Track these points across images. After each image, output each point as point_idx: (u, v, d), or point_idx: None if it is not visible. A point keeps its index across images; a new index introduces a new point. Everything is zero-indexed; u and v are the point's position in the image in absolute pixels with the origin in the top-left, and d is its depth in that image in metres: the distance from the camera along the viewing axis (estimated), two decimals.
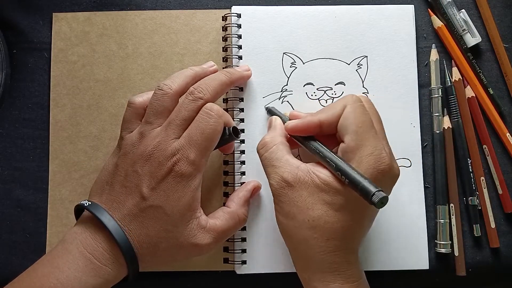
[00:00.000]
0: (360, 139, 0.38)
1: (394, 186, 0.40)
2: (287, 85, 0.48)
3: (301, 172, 0.39)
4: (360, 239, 0.40)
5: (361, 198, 0.36)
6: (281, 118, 0.45)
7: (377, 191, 0.35)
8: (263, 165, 0.42)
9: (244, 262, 0.47)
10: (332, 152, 0.40)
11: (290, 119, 0.44)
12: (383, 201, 0.35)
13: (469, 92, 0.49)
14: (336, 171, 0.38)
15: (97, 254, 0.38)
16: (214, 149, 0.42)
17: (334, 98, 0.48)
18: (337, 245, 0.38)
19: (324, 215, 0.38)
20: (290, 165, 0.40)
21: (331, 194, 0.38)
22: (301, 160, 0.41)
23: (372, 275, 0.43)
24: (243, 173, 0.47)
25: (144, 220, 0.39)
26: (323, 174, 0.39)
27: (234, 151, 0.47)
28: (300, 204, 0.39)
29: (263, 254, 0.47)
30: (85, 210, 0.41)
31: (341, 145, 0.40)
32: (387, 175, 0.38)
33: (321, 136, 0.42)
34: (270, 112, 0.47)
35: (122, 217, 0.39)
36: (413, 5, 0.49)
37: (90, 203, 0.40)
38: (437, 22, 0.50)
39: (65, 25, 0.50)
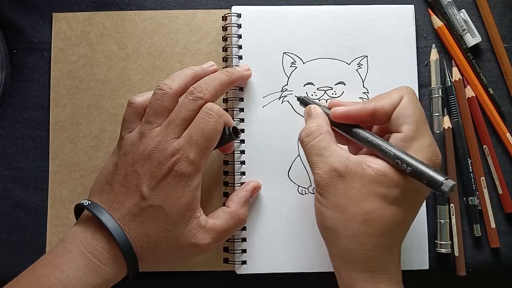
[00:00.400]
0: (419, 130, 0.38)
1: None
2: (287, 85, 0.48)
3: (353, 163, 0.38)
4: (405, 235, 0.39)
5: (415, 190, 0.36)
6: (320, 106, 0.43)
7: (445, 179, 0.34)
8: (307, 155, 0.40)
9: (244, 262, 0.47)
10: (382, 139, 0.39)
11: (329, 108, 0.42)
12: (453, 189, 0.34)
13: (469, 92, 0.49)
14: (395, 160, 0.36)
15: (97, 253, 0.38)
16: (214, 149, 0.42)
17: (334, 98, 0.48)
18: (389, 241, 0.37)
19: (379, 208, 0.36)
20: (340, 155, 0.38)
21: (386, 185, 0.37)
22: None
23: None
24: (243, 173, 0.47)
25: (144, 219, 0.39)
26: (377, 164, 0.37)
27: (234, 151, 0.47)
28: (352, 196, 0.37)
29: (263, 254, 0.47)
30: (85, 209, 0.41)
31: (396, 134, 0.38)
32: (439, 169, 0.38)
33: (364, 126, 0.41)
34: (304, 101, 0.45)
35: (122, 217, 0.39)
36: (413, 5, 0.49)
37: (90, 202, 0.40)
38: (437, 22, 0.50)
39: (65, 25, 0.50)
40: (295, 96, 0.47)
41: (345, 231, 0.37)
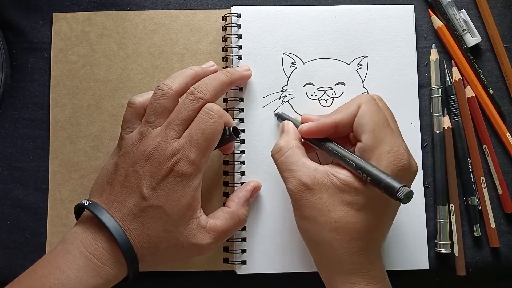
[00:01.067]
0: (378, 137, 0.39)
1: None
2: (287, 85, 0.48)
3: (319, 174, 0.39)
4: (382, 238, 0.41)
5: (382, 196, 0.37)
6: (293, 122, 0.45)
7: (401, 186, 0.35)
8: (279, 170, 0.42)
9: (244, 262, 0.47)
10: (350, 151, 0.40)
11: (302, 123, 0.44)
12: (409, 196, 0.35)
13: (469, 92, 0.49)
14: (357, 169, 0.38)
15: (97, 254, 0.38)
16: (214, 149, 0.42)
17: (334, 98, 0.48)
18: (360, 245, 0.38)
19: (346, 215, 0.38)
20: (307, 168, 0.40)
21: (352, 194, 0.38)
22: (320, 163, 0.41)
23: None
24: (243, 173, 0.47)
25: (144, 220, 0.39)
26: (342, 174, 0.39)
27: (234, 151, 0.47)
28: (321, 206, 0.39)
29: (263, 254, 0.47)
30: (85, 210, 0.41)
31: (358, 144, 0.40)
32: (407, 172, 0.39)
33: (335, 138, 0.42)
34: (280, 117, 0.47)
35: (122, 217, 0.39)
36: (413, 5, 0.50)
37: (90, 202, 0.40)
38: (437, 22, 0.50)
39: (65, 25, 0.50)
40: (274, 113, 0.48)
41: (318, 239, 0.39)
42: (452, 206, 0.48)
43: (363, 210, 0.38)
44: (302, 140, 0.44)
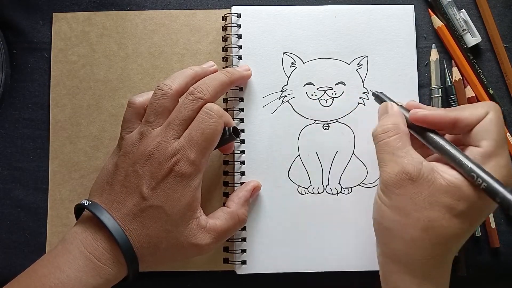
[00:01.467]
0: (499, 148, 0.37)
1: None
2: (287, 85, 0.48)
3: (425, 169, 0.37)
4: (460, 247, 0.39)
5: (483, 207, 0.36)
6: (397, 105, 0.42)
7: None
8: (378, 151, 0.40)
9: (244, 262, 0.47)
10: (459, 150, 0.38)
11: (408, 109, 0.42)
12: None
13: (469, 92, 0.49)
14: (470, 173, 0.36)
15: (97, 253, 0.38)
16: (214, 149, 0.42)
17: (334, 98, 0.48)
18: (443, 251, 0.37)
19: (442, 218, 0.36)
20: (414, 158, 0.38)
21: (455, 198, 0.36)
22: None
23: (373, 276, 0.43)
24: (243, 173, 0.47)
25: (144, 220, 0.39)
26: (450, 175, 0.37)
27: (234, 151, 0.47)
28: (418, 201, 0.37)
29: (263, 254, 0.47)
30: (85, 210, 0.41)
31: (474, 149, 0.38)
32: None
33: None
34: (379, 98, 0.44)
35: (122, 217, 0.39)
36: (413, 5, 0.49)
37: (90, 202, 0.40)
38: (437, 22, 0.50)
39: (65, 25, 0.50)
40: (371, 91, 0.46)
41: (403, 234, 0.37)
42: None
43: (459, 217, 0.36)
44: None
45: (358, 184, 0.48)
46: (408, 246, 0.37)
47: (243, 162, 0.47)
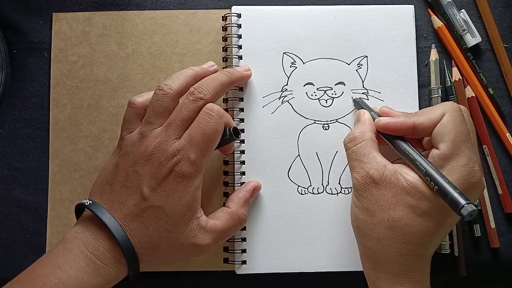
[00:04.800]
0: (456, 149, 0.38)
1: None
2: (287, 85, 0.48)
3: (388, 172, 0.39)
4: (435, 246, 0.40)
5: (446, 207, 0.36)
6: (370, 112, 0.45)
7: (467, 203, 0.35)
8: (348, 159, 0.42)
9: (244, 262, 0.47)
10: (422, 155, 0.39)
11: (380, 115, 0.44)
12: (472, 214, 0.35)
13: (469, 92, 0.49)
14: (425, 176, 0.38)
15: (98, 253, 0.38)
16: (214, 149, 0.42)
17: (334, 98, 0.48)
18: (412, 249, 0.38)
19: (405, 217, 0.38)
20: (378, 162, 0.40)
21: (416, 198, 0.38)
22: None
23: None
24: (243, 173, 0.47)
25: (145, 220, 0.39)
26: (411, 176, 0.39)
27: (234, 151, 0.47)
28: (382, 202, 0.39)
29: (263, 254, 0.47)
30: (85, 209, 0.41)
31: (434, 151, 0.39)
32: (475, 189, 0.39)
33: (408, 138, 0.42)
34: (358, 104, 0.47)
35: (123, 217, 0.39)
36: (413, 5, 0.49)
37: (91, 202, 0.40)
38: (437, 22, 0.50)
39: (65, 25, 0.50)
40: (352, 98, 0.48)
41: (371, 232, 0.39)
42: None
43: (424, 216, 0.38)
44: (376, 132, 0.43)
45: None
46: (376, 244, 0.39)
47: (243, 162, 0.47)
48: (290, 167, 0.48)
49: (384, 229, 0.39)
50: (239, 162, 0.47)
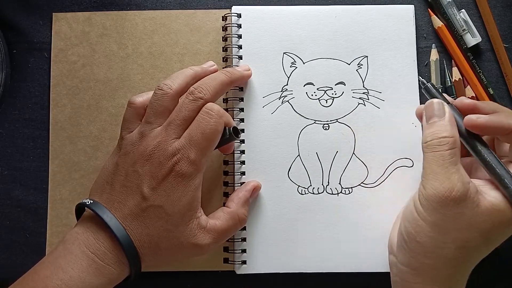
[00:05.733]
0: None
1: (396, 186, 0.40)
2: (287, 85, 0.48)
3: (472, 190, 0.36)
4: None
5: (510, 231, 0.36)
6: (449, 105, 0.40)
7: None
8: (429, 161, 0.38)
9: (244, 262, 0.47)
10: (508, 169, 0.37)
11: (461, 109, 0.40)
12: None
13: (469, 92, 0.49)
14: None
15: (99, 253, 0.38)
16: (214, 149, 0.42)
17: (335, 98, 0.48)
18: (468, 267, 0.38)
19: (477, 240, 0.36)
20: (464, 176, 0.36)
21: (495, 222, 0.36)
22: None
23: (374, 276, 0.43)
24: (243, 173, 0.47)
25: (145, 219, 0.39)
26: (493, 197, 0.36)
27: (234, 151, 0.47)
28: (460, 222, 0.36)
29: (263, 254, 0.47)
30: (85, 210, 0.41)
31: None
32: None
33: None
34: (429, 91, 0.41)
35: (124, 217, 0.39)
36: (413, 5, 0.49)
37: (92, 201, 0.40)
38: (437, 22, 0.50)
39: (65, 25, 0.50)
40: (420, 81, 0.43)
41: (438, 250, 0.37)
42: None
43: (490, 238, 0.37)
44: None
45: (359, 184, 0.48)
46: (440, 261, 0.37)
47: (243, 162, 0.47)
48: (290, 167, 0.48)
49: (455, 249, 0.37)
50: (239, 162, 0.47)
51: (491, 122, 0.38)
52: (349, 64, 0.49)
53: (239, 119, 0.48)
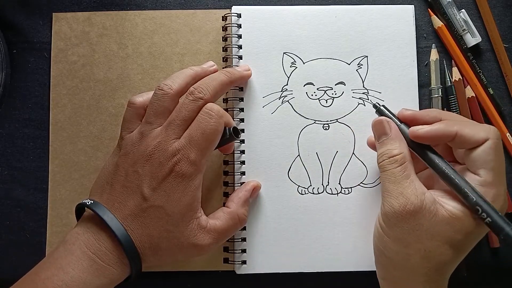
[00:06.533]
0: (498, 178, 0.37)
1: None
2: (287, 85, 0.48)
3: (427, 200, 0.37)
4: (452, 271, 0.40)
5: (478, 236, 0.37)
6: (394, 121, 0.41)
7: None
8: (384, 179, 0.39)
9: (244, 262, 0.47)
10: (466, 180, 0.37)
11: (401, 120, 0.41)
12: None
13: (469, 92, 0.49)
14: (475, 206, 0.36)
15: (100, 254, 0.38)
16: (214, 149, 0.42)
17: (335, 98, 0.48)
18: (439, 276, 0.38)
19: (440, 247, 0.37)
20: (417, 189, 0.37)
21: (455, 229, 0.37)
22: None
23: (373, 276, 0.43)
24: (243, 173, 0.47)
25: (146, 220, 0.39)
26: (452, 206, 0.37)
27: (234, 151, 0.47)
28: (420, 233, 0.37)
29: (263, 254, 0.47)
30: (85, 210, 0.41)
31: (473, 176, 0.38)
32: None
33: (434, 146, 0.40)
34: (382, 112, 0.42)
35: (124, 217, 0.39)
36: (413, 5, 0.49)
37: (92, 202, 0.40)
38: (437, 22, 0.50)
39: (65, 25, 0.50)
40: (372, 104, 0.43)
41: (405, 263, 0.38)
42: None
43: (456, 246, 0.37)
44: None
45: (358, 184, 0.48)
46: (408, 273, 0.38)
47: (243, 162, 0.47)
48: (290, 167, 0.48)
49: (419, 259, 0.37)
50: (239, 162, 0.47)
51: (432, 131, 0.38)
52: (349, 64, 0.49)
53: (239, 119, 0.48)
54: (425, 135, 0.39)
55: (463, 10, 0.49)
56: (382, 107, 0.43)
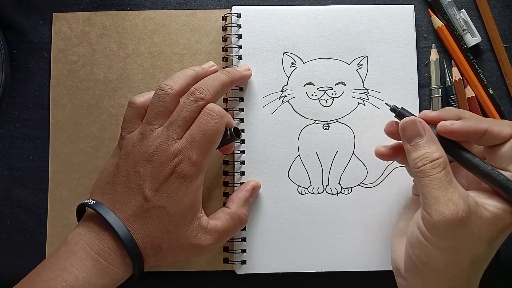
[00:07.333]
0: None
1: (395, 186, 0.40)
2: (287, 85, 0.48)
3: (471, 203, 0.35)
4: None
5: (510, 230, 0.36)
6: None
7: None
8: (426, 186, 0.36)
9: (244, 262, 0.47)
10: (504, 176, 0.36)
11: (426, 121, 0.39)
12: None
13: (469, 92, 0.49)
14: None
15: (103, 254, 0.38)
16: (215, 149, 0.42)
17: (335, 98, 0.48)
18: (480, 276, 0.38)
19: (486, 250, 0.36)
20: (462, 193, 0.35)
21: (498, 229, 0.35)
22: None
23: (374, 275, 0.43)
24: (243, 173, 0.47)
25: (147, 220, 0.39)
26: (492, 206, 0.36)
27: (234, 151, 0.47)
28: (469, 239, 0.35)
29: (263, 254, 0.47)
30: (87, 210, 0.40)
31: (503, 173, 0.37)
32: None
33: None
34: (402, 115, 0.40)
35: (126, 218, 0.39)
36: (413, 5, 0.49)
37: (94, 202, 0.40)
38: (437, 22, 0.50)
39: (65, 25, 0.50)
40: (390, 107, 0.41)
41: (452, 271, 0.36)
42: None
43: (494, 243, 0.36)
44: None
45: (358, 184, 0.48)
46: (453, 281, 0.37)
47: (243, 162, 0.47)
48: (290, 167, 0.48)
49: (469, 265, 0.36)
50: (239, 162, 0.47)
51: (465, 127, 0.37)
52: (349, 64, 0.49)
53: (239, 119, 0.48)
54: (458, 130, 0.37)
55: (463, 10, 0.49)
56: (401, 110, 0.40)
